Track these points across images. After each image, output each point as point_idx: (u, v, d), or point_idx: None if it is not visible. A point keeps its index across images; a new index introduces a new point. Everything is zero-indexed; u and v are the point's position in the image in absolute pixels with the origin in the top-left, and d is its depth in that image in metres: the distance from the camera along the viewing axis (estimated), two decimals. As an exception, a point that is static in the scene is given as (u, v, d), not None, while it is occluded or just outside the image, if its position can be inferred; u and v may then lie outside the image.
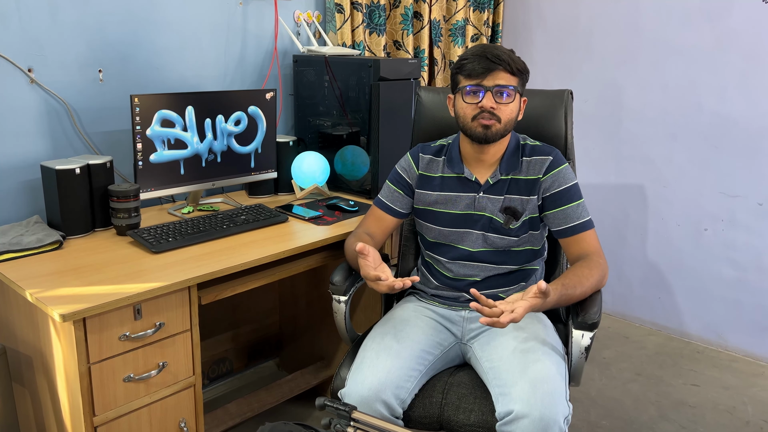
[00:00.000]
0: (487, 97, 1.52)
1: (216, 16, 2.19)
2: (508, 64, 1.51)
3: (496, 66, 1.50)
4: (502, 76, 1.51)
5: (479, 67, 1.50)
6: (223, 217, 1.88)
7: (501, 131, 1.55)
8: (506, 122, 1.55)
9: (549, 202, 1.59)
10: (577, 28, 3.01)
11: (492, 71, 1.50)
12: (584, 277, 1.49)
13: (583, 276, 1.49)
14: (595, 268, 1.52)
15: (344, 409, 1.16)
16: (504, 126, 1.55)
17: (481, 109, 1.52)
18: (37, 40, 1.79)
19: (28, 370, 1.59)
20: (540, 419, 1.29)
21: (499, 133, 1.55)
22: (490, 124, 1.53)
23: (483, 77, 1.51)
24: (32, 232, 1.69)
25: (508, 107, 1.53)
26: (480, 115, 1.53)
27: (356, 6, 2.52)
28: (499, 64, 1.50)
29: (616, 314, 3.13)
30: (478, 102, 1.53)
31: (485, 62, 1.50)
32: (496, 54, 1.50)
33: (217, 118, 2.02)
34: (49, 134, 1.86)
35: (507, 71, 1.51)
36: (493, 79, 1.51)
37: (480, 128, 1.54)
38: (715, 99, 2.65)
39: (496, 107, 1.52)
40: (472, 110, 1.54)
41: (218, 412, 2.01)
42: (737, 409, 2.35)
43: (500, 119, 1.53)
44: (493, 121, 1.53)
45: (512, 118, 1.56)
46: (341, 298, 1.65)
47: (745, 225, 2.66)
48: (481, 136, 1.55)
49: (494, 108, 1.52)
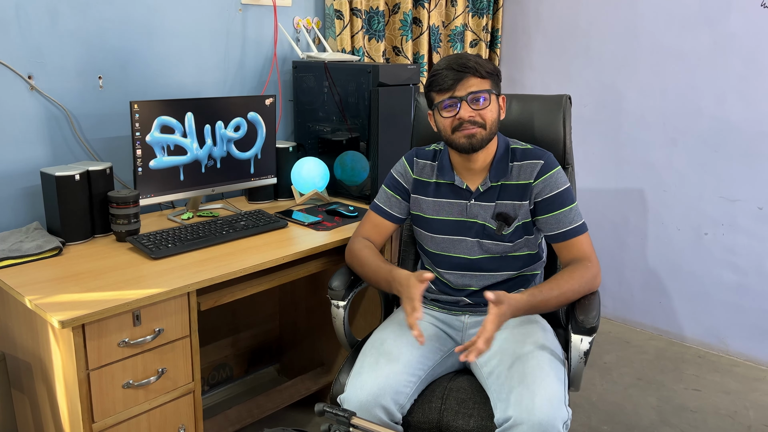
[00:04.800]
0: (463, 108, 1.50)
1: (215, 23, 2.20)
2: (476, 70, 1.49)
3: (464, 75, 1.49)
4: (472, 82, 1.50)
5: (448, 79, 1.49)
6: (222, 223, 1.88)
7: (486, 136, 1.54)
8: (490, 126, 1.54)
9: (541, 207, 1.58)
10: (576, 33, 3.02)
11: (461, 80, 1.49)
12: (563, 281, 1.48)
13: (562, 280, 1.48)
14: (579, 272, 1.50)
15: (343, 415, 1.16)
16: (489, 130, 1.54)
17: (461, 120, 1.51)
18: (37, 46, 1.80)
19: (27, 376, 1.59)
20: (539, 425, 1.28)
21: (485, 139, 1.54)
22: (474, 132, 1.52)
23: (454, 89, 1.50)
24: (32, 238, 1.69)
25: (487, 110, 1.52)
26: (462, 126, 1.52)
27: (355, 12, 2.53)
28: (467, 72, 1.49)
29: (617, 319, 3.12)
30: (455, 114, 1.52)
31: (453, 73, 1.49)
32: (461, 63, 1.49)
33: (217, 124, 2.02)
34: (48, 141, 1.87)
35: (477, 76, 1.50)
36: (464, 88, 1.49)
37: (463, 139, 1.53)
38: (714, 103, 2.65)
39: (475, 114, 1.51)
40: (451, 122, 1.53)
41: (218, 418, 2.01)
42: (739, 414, 2.35)
43: (484, 124, 1.52)
44: (475, 129, 1.52)
45: (495, 119, 1.55)
46: (340, 303, 1.65)
47: (745, 229, 2.66)
48: (466, 146, 1.54)
49: (473, 116, 1.51)
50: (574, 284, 1.49)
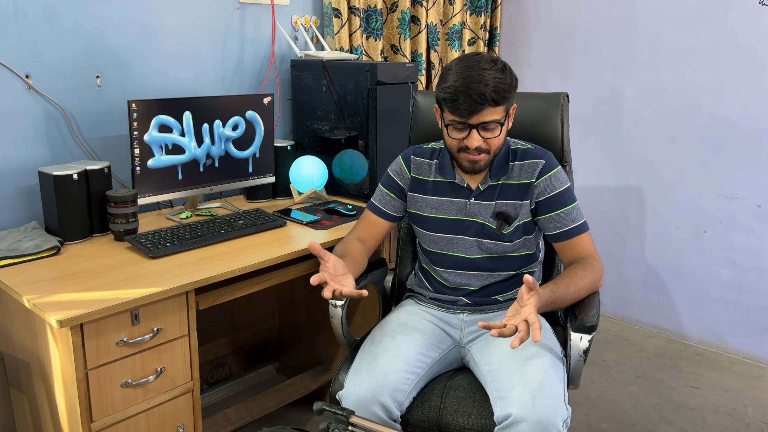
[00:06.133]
0: (473, 136, 1.48)
1: (213, 22, 2.19)
2: (493, 101, 1.43)
3: (481, 107, 1.43)
4: (487, 112, 1.45)
5: (464, 108, 1.44)
6: (221, 222, 1.88)
7: (489, 160, 1.55)
8: (495, 151, 1.53)
9: (542, 207, 1.58)
10: (574, 31, 3.02)
11: (477, 112, 1.44)
12: (578, 278, 1.48)
13: (576, 276, 1.48)
14: (589, 270, 1.51)
15: (342, 414, 1.16)
16: (493, 155, 1.54)
17: (467, 146, 1.50)
18: (34, 46, 1.79)
19: (25, 376, 1.59)
20: (538, 423, 1.28)
21: (488, 163, 1.55)
22: (478, 159, 1.52)
23: (468, 117, 1.46)
24: (30, 237, 1.69)
25: (495, 139, 1.50)
26: (467, 149, 1.51)
27: (353, 10, 2.52)
28: (485, 104, 1.43)
29: (616, 317, 3.12)
30: (463, 138, 1.50)
31: (470, 103, 1.43)
32: (481, 93, 1.41)
33: (215, 123, 2.02)
34: (46, 140, 1.86)
35: (492, 106, 1.45)
36: (478, 117, 1.46)
37: (467, 162, 1.54)
38: (713, 101, 2.65)
39: (483, 141, 1.49)
40: (458, 144, 1.52)
41: (217, 417, 2.01)
42: (738, 411, 2.35)
43: (489, 150, 1.52)
44: (481, 155, 1.51)
45: (500, 145, 1.54)
46: (338, 302, 1.65)
47: (744, 227, 2.66)
48: (468, 169, 1.55)
49: (481, 143, 1.49)
50: (587, 282, 1.49)
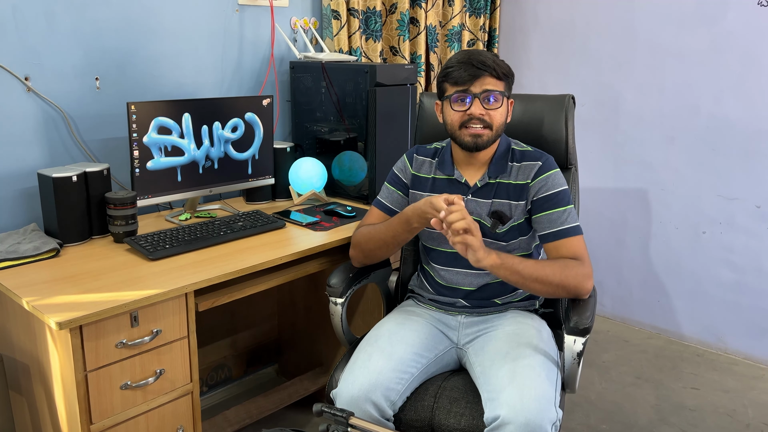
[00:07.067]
0: (475, 104, 1.52)
1: (212, 23, 2.19)
2: (494, 69, 1.51)
3: (482, 72, 1.51)
4: (488, 81, 1.52)
5: (465, 74, 1.51)
6: (220, 224, 1.88)
7: (491, 138, 1.56)
8: (497, 128, 1.56)
9: (536, 206, 1.58)
10: (573, 32, 3.02)
11: (478, 78, 1.51)
12: (546, 263, 1.47)
13: (545, 262, 1.48)
14: (564, 262, 1.48)
15: (341, 415, 1.16)
16: (495, 132, 1.56)
17: (470, 116, 1.53)
18: (33, 48, 1.80)
19: (25, 378, 1.59)
20: (525, 425, 1.28)
21: (490, 140, 1.56)
22: (481, 133, 1.54)
23: (470, 84, 1.52)
24: (29, 240, 1.69)
25: (497, 112, 1.54)
26: (469, 122, 1.53)
27: (352, 12, 2.52)
28: (485, 70, 1.51)
29: (616, 318, 3.12)
30: (466, 109, 1.53)
31: (471, 69, 1.51)
32: (481, 60, 1.51)
33: (214, 124, 2.02)
34: (46, 142, 1.86)
35: (493, 76, 1.52)
36: (480, 85, 1.52)
37: (469, 137, 1.55)
38: (712, 102, 2.65)
39: (485, 113, 1.53)
40: (460, 117, 1.55)
41: (217, 418, 2.01)
42: (737, 412, 2.35)
43: (491, 125, 1.54)
44: (484, 130, 1.53)
45: (502, 122, 1.57)
46: (338, 300, 1.65)
47: (743, 227, 2.66)
48: (471, 145, 1.56)
49: (483, 114, 1.53)
50: (556, 270, 1.46)
